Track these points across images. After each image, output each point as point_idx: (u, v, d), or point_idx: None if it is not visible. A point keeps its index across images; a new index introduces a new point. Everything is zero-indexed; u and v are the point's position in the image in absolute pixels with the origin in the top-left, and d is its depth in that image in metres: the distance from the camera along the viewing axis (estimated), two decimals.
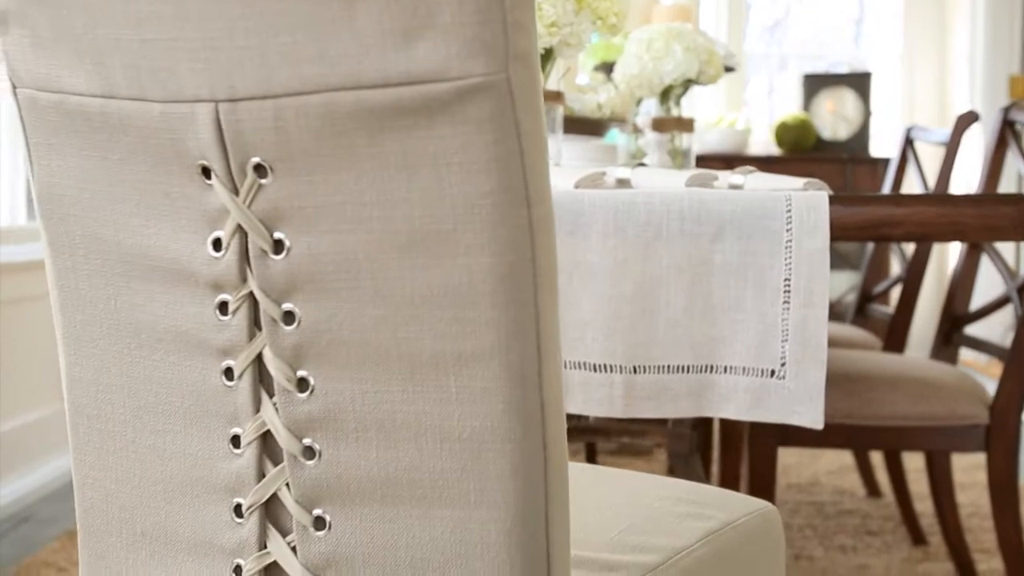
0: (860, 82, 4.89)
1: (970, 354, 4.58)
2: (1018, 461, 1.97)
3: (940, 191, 2.64)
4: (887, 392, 1.94)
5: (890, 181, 2.93)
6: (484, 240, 0.73)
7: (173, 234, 0.81)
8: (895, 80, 5.46)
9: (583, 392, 1.44)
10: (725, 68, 2.77)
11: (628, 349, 1.43)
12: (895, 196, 1.47)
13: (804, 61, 5.64)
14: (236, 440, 0.84)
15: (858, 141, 4.87)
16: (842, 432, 1.94)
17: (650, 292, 1.43)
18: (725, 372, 1.44)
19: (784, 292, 1.41)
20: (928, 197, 1.44)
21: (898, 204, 1.43)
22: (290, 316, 0.79)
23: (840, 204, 1.41)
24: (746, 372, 1.43)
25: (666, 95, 2.28)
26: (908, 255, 2.69)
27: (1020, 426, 1.95)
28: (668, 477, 1.21)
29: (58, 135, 0.83)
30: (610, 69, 2.66)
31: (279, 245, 0.78)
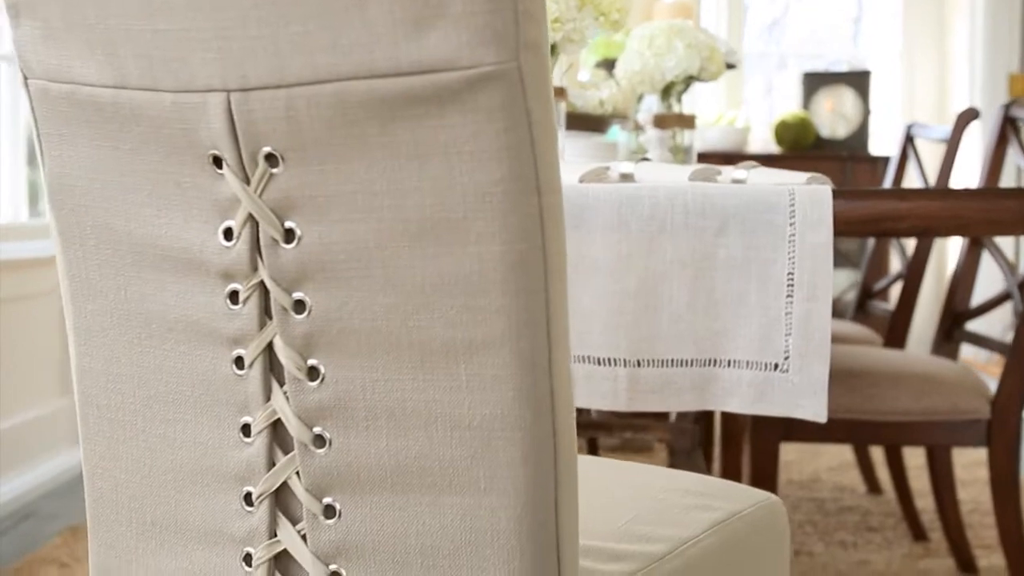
0: (859, 80, 4.90)
1: (969, 352, 4.58)
2: (1019, 456, 1.97)
3: (941, 187, 2.64)
4: (889, 387, 1.94)
5: (891, 178, 2.94)
6: (495, 228, 0.74)
7: (184, 223, 0.82)
8: (894, 78, 5.47)
9: (587, 386, 1.45)
10: (726, 65, 2.77)
11: (632, 343, 1.44)
12: (898, 190, 1.48)
13: (803, 60, 5.64)
14: (246, 429, 0.84)
15: (857, 139, 4.87)
16: (844, 427, 1.94)
17: (654, 286, 1.43)
18: (729, 366, 1.44)
19: (787, 286, 1.41)
20: (931, 191, 1.45)
21: (901, 198, 1.43)
22: (301, 305, 0.80)
23: (843, 198, 1.41)
24: (750, 366, 1.43)
25: (667, 92, 2.28)
26: (908, 252, 2.70)
27: (1021, 421, 1.95)
28: (673, 469, 1.21)
29: (69, 125, 0.84)
30: (611, 66, 2.66)
31: (290, 234, 0.79)
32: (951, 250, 5.13)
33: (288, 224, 0.78)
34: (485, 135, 0.72)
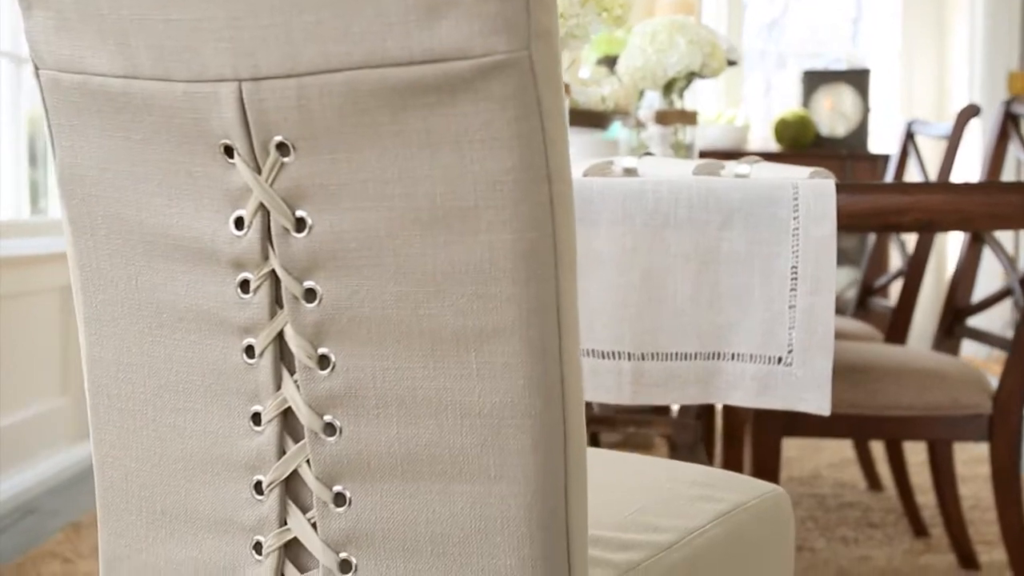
0: (859, 79, 4.90)
1: (969, 349, 4.59)
2: (1021, 451, 1.98)
3: (943, 182, 2.64)
4: (892, 383, 1.95)
5: (891, 175, 2.94)
6: (506, 216, 0.74)
7: (195, 213, 0.82)
8: (894, 77, 5.47)
9: (591, 379, 1.45)
10: (728, 61, 2.78)
11: (636, 336, 1.44)
12: (901, 184, 1.49)
13: (801, 59, 5.65)
14: (257, 418, 0.84)
15: (856, 138, 4.88)
16: (846, 422, 1.95)
17: (658, 280, 1.44)
18: (732, 359, 1.44)
19: (791, 280, 1.41)
20: (934, 185, 1.45)
21: (904, 192, 1.44)
22: (312, 294, 0.80)
23: (847, 192, 1.42)
24: (753, 359, 1.44)
25: (669, 88, 2.28)
26: (909, 249, 2.71)
27: (1023, 416, 1.96)
28: (678, 461, 1.22)
29: (80, 116, 0.84)
30: (612, 63, 2.66)
31: (301, 223, 0.79)
32: (951, 248, 5.14)
33: (299, 213, 0.79)
34: (496, 123, 0.73)
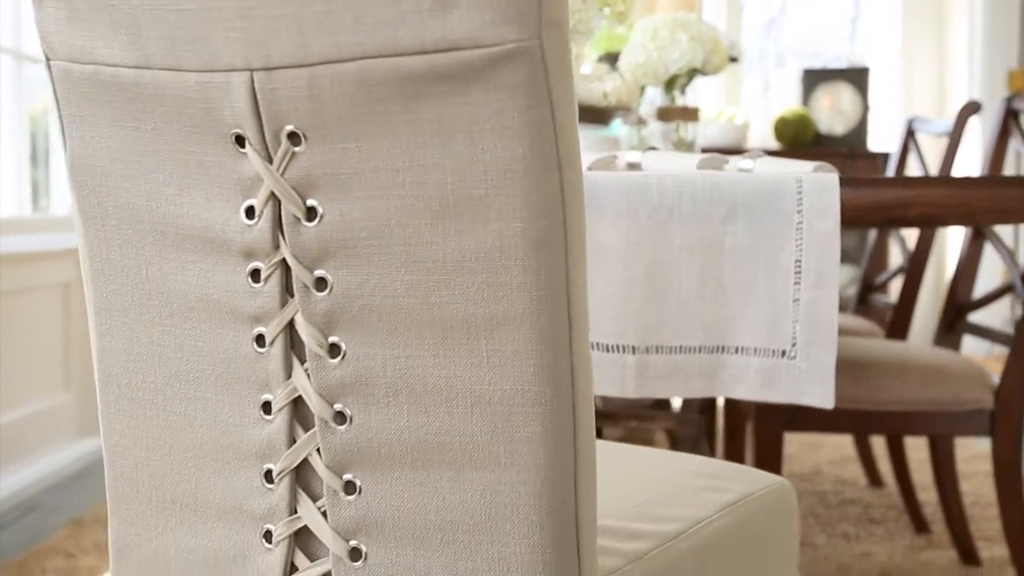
0: (858, 77, 4.91)
1: (970, 346, 4.60)
2: (1022, 446, 1.98)
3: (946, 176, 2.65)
4: (894, 378, 1.95)
5: (892, 171, 2.95)
6: (516, 205, 0.74)
7: (206, 203, 0.83)
8: (893, 75, 5.48)
9: (596, 372, 1.46)
10: (729, 58, 2.78)
11: (640, 330, 1.45)
12: (905, 178, 1.49)
13: (800, 58, 5.65)
14: (267, 406, 0.85)
15: (856, 136, 4.88)
16: (848, 417, 1.95)
17: (662, 273, 1.44)
18: (736, 352, 1.45)
19: (795, 273, 1.42)
20: (937, 179, 1.46)
21: (908, 186, 1.44)
22: (322, 282, 0.80)
23: (850, 186, 1.42)
24: (757, 353, 1.44)
25: (671, 84, 2.29)
26: (910, 245, 2.71)
27: None
28: (684, 453, 1.22)
29: (91, 106, 0.84)
30: (614, 60, 2.67)
31: (312, 212, 0.79)
32: (951, 244, 5.15)
33: (310, 202, 0.79)
34: (507, 112, 0.73)
